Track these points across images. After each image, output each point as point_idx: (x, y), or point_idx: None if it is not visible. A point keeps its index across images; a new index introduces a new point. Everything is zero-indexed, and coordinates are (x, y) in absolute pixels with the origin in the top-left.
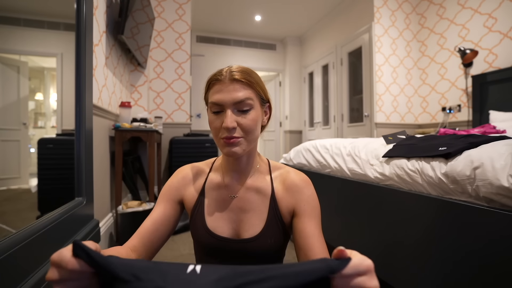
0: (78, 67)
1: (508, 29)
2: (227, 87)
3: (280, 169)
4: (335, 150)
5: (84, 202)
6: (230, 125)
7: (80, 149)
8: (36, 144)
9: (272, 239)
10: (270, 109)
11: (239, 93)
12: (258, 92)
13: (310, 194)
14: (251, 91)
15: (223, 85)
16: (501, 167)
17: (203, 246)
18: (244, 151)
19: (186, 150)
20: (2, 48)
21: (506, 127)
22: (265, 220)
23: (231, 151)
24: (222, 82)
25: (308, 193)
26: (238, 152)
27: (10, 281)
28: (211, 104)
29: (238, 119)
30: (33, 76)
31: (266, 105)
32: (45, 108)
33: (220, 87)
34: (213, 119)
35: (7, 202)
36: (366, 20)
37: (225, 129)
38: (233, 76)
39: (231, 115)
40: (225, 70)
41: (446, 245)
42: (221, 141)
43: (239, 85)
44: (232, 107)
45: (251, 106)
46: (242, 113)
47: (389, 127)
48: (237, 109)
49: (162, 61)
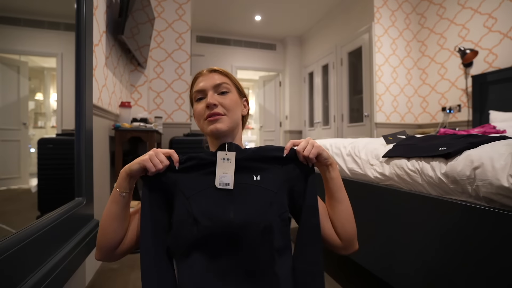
0: (78, 67)
1: (508, 29)
2: (207, 77)
3: None
4: (335, 150)
5: (84, 202)
6: (211, 101)
7: (80, 149)
8: (36, 144)
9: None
10: (247, 104)
11: (217, 79)
12: (235, 83)
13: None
14: (228, 79)
15: (204, 76)
16: (501, 167)
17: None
18: (228, 128)
19: (186, 150)
20: (2, 48)
21: (506, 127)
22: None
23: (215, 127)
24: (203, 74)
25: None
26: (222, 128)
27: (10, 281)
28: (195, 93)
29: (218, 99)
30: (33, 76)
31: (244, 99)
32: (45, 108)
33: (202, 78)
34: (197, 106)
35: (7, 202)
36: (366, 20)
37: (207, 107)
38: (212, 68)
39: (212, 95)
40: (205, 68)
41: (446, 245)
42: (205, 122)
43: (217, 74)
44: (212, 90)
45: (229, 89)
46: (221, 95)
47: (389, 127)
48: (217, 92)
49: (162, 61)
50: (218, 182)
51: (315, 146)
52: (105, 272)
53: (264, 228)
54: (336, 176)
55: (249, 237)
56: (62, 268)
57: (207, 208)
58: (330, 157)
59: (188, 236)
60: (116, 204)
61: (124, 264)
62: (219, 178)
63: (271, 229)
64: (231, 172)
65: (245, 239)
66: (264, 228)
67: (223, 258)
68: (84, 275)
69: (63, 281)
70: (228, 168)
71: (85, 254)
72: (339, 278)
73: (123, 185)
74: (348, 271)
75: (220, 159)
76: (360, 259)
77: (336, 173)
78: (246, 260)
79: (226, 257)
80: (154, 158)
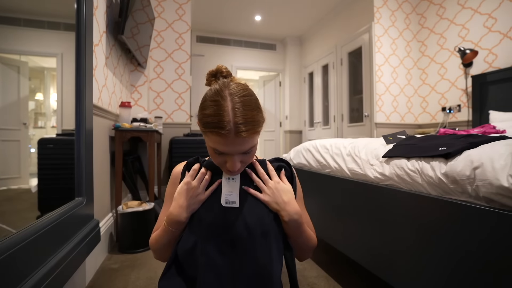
0: (78, 67)
1: (508, 29)
2: (232, 142)
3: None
4: (335, 150)
5: (84, 202)
6: (236, 170)
7: (80, 149)
8: (36, 144)
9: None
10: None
11: (247, 145)
12: (260, 126)
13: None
14: (256, 136)
15: (227, 140)
16: (501, 167)
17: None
18: None
19: (186, 150)
20: (2, 48)
21: (506, 127)
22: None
23: (230, 173)
24: (227, 137)
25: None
26: (236, 174)
27: (10, 281)
28: (212, 148)
29: (242, 158)
30: (33, 76)
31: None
32: (45, 108)
33: (225, 141)
34: (215, 156)
35: (7, 202)
36: (366, 20)
37: (229, 170)
38: (240, 135)
39: (237, 161)
40: (227, 119)
41: (446, 245)
42: (221, 166)
43: (245, 139)
44: (237, 155)
45: (255, 146)
46: (245, 154)
47: (389, 127)
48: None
49: (162, 61)
50: (224, 201)
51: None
52: (105, 272)
53: (262, 233)
54: (288, 226)
55: (249, 241)
56: (62, 268)
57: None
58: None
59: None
60: (173, 235)
61: (124, 264)
62: (225, 197)
63: (269, 233)
64: (236, 191)
65: (245, 242)
66: (262, 233)
67: (222, 260)
68: (84, 275)
69: (63, 281)
70: (234, 188)
71: (85, 254)
72: (339, 278)
73: (182, 227)
74: (348, 271)
75: (226, 179)
76: (360, 259)
77: (287, 223)
78: (245, 263)
79: (225, 259)
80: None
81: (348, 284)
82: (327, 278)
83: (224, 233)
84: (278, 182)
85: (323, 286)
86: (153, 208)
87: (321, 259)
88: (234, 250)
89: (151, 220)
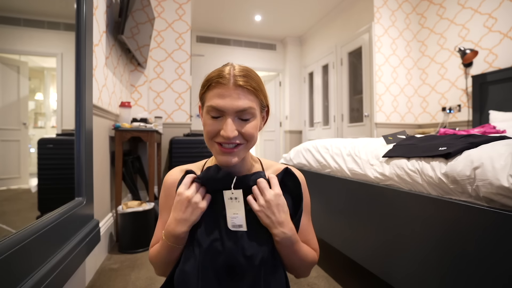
0: (78, 67)
1: (508, 29)
2: (230, 93)
3: (272, 166)
4: (335, 150)
5: (84, 202)
6: (231, 135)
7: (80, 149)
8: (36, 144)
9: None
10: (267, 114)
11: (243, 102)
12: (261, 99)
13: (304, 189)
14: (254, 99)
15: (226, 90)
16: (501, 167)
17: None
18: (240, 159)
19: (186, 150)
20: (2, 48)
21: (506, 127)
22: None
23: (227, 161)
24: (225, 86)
25: (304, 190)
26: (234, 162)
27: (10, 281)
28: (209, 107)
29: (238, 127)
30: (33, 76)
31: (265, 110)
32: (45, 108)
33: (222, 91)
34: (209, 122)
35: (7, 202)
36: (366, 20)
37: (224, 137)
38: (237, 82)
39: (232, 124)
40: (227, 71)
41: (446, 245)
42: (216, 146)
43: (243, 92)
44: (234, 115)
45: (253, 115)
46: (243, 121)
47: (389, 127)
48: (238, 117)
49: (162, 61)
50: (230, 224)
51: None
52: (105, 272)
53: (261, 259)
54: (279, 246)
55: (248, 270)
56: (62, 268)
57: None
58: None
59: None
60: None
61: (124, 264)
62: (231, 220)
63: (269, 262)
64: (241, 212)
65: (244, 270)
66: (261, 259)
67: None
68: (84, 275)
69: (63, 281)
70: (238, 209)
71: (85, 254)
72: (339, 278)
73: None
74: (348, 271)
75: (228, 199)
76: (360, 259)
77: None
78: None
79: (222, 283)
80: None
81: (348, 284)
82: (327, 278)
83: (222, 260)
84: (279, 195)
85: (323, 286)
86: (153, 208)
87: (321, 259)
88: (233, 279)
89: (151, 220)
